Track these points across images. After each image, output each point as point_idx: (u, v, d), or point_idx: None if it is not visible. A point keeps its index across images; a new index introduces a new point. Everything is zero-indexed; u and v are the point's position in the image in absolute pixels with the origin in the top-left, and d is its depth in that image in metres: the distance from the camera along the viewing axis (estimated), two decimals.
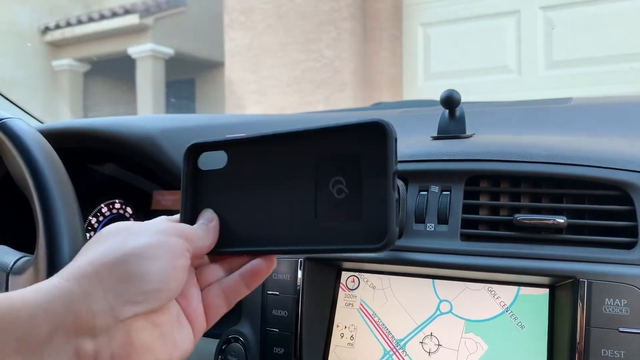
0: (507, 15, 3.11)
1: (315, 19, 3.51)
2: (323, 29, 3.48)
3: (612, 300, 0.49)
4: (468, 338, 0.55)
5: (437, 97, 0.71)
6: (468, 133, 0.70)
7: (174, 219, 0.44)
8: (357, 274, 0.62)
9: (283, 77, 3.62)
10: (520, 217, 0.56)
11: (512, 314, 0.54)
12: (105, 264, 0.36)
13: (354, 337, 0.59)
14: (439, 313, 0.57)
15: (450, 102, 0.68)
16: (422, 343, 0.56)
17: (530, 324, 0.53)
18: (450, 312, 0.56)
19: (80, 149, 0.86)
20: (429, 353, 0.56)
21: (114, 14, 6.02)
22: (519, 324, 0.54)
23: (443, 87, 0.71)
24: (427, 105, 1.12)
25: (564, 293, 0.52)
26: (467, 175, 0.60)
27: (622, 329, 0.48)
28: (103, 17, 6.06)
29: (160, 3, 6.17)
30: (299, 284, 0.61)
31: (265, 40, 3.70)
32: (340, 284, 0.62)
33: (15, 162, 0.62)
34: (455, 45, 3.22)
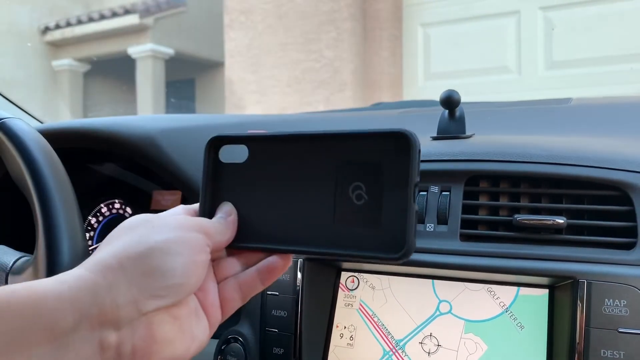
0: (507, 16, 3.11)
1: (315, 19, 3.51)
2: (323, 29, 3.48)
3: (611, 301, 0.49)
4: (467, 338, 0.55)
5: (437, 97, 0.71)
6: (468, 133, 0.70)
7: (192, 210, 0.44)
8: (356, 274, 0.62)
9: (283, 77, 3.62)
10: (520, 217, 0.56)
11: (511, 315, 0.54)
12: (130, 257, 0.37)
13: (354, 337, 0.59)
14: (439, 313, 0.57)
15: (450, 102, 0.69)
16: (421, 343, 0.56)
17: (530, 325, 0.53)
18: (450, 312, 0.56)
19: (80, 149, 0.85)
20: (429, 353, 0.56)
21: (114, 14, 6.02)
22: (519, 325, 0.54)
23: (443, 87, 0.71)
24: (427, 106, 1.12)
25: (564, 293, 0.52)
26: (466, 176, 0.60)
27: (621, 330, 0.48)
28: (103, 17, 6.05)
29: (160, 3, 6.17)
30: (299, 284, 0.61)
31: (265, 40, 3.70)
32: (340, 284, 0.62)
33: (15, 162, 0.62)
34: (455, 46, 3.22)
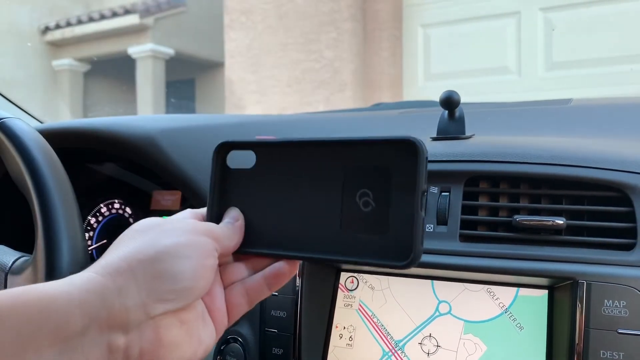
0: (507, 17, 3.11)
1: (316, 20, 3.51)
2: (323, 30, 3.48)
3: (611, 302, 0.49)
4: (467, 339, 0.55)
5: (437, 97, 0.71)
6: (467, 134, 0.70)
7: (200, 215, 0.44)
8: (356, 275, 0.62)
9: (283, 77, 3.62)
10: (520, 218, 0.56)
11: (511, 315, 0.54)
12: (140, 261, 0.37)
13: (353, 337, 0.59)
14: (438, 314, 0.57)
15: (450, 102, 0.69)
16: (421, 344, 0.56)
17: (529, 325, 0.53)
18: (449, 313, 0.56)
19: (80, 149, 0.85)
20: (428, 354, 0.56)
21: (114, 14, 6.02)
22: (518, 325, 0.54)
23: (443, 87, 0.71)
24: (426, 106, 1.12)
25: (563, 294, 0.52)
26: (466, 176, 0.60)
27: (621, 331, 0.48)
28: (103, 17, 6.05)
29: (160, 3, 6.17)
30: (298, 285, 0.61)
31: (265, 41, 3.70)
32: (339, 285, 0.62)
33: (14, 162, 0.62)
34: (455, 46, 3.22)
